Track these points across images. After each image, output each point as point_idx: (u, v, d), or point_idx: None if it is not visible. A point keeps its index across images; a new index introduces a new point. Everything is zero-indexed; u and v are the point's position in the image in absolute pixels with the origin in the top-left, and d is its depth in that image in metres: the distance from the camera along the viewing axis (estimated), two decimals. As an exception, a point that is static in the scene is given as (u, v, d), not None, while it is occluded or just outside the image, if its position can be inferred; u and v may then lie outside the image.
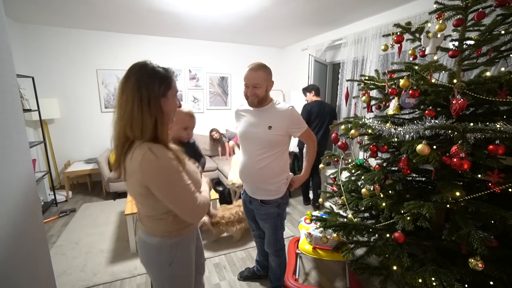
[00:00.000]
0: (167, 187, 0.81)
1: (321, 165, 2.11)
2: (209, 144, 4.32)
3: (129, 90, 0.81)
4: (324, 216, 1.88)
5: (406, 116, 1.69)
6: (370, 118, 1.67)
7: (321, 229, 1.79)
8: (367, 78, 1.81)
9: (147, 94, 0.81)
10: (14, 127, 0.35)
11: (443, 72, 1.46)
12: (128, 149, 0.82)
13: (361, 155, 2.55)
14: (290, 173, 1.59)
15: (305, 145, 1.86)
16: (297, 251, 2.09)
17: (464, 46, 1.32)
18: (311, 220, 1.95)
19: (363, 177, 1.69)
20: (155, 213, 0.89)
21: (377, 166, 1.68)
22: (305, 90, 3.27)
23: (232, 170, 3.21)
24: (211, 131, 4.22)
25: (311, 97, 3.21)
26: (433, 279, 1.18)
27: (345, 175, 2.04)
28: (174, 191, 0.82)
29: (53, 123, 3.67)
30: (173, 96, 0.88)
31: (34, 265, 0.41)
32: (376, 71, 1.84)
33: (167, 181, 0.80)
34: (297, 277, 1.97)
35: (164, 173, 0.79)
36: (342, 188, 1.87)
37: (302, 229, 2.14)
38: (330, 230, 1.68)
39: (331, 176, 2.12)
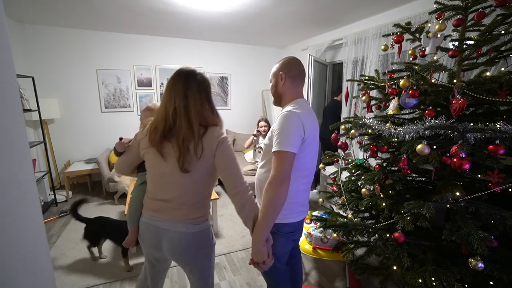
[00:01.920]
0: (232, 153, 1.04)
1: (320, 165, 2.11)
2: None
3: (194, 93, 1.03)
4: (324, 216, 1.89)
5: (406, 116, 1.69)
6: (370, 118, 1.67)
7: (321, 229, 1.79)
8: (367, 78, 1.81)
9: (206, 94, 1.06)
10: (14, 127, 0.35)
11: (443, 72, 1.46)
12: (204, 133, 1.01)
13: (361, 155, 2.56)
14: None
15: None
16: (297, 251, 2.09)
17: (464, 46, 1.32)
18: (311, 220, 1.95)
19: (363, 177, 1.69)
20: (203, 197, 1.09)
21: (377, 166, 1.69)
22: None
23: None
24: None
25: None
26: (433, 279, 1.18)
27: (345, 175, 2.04)
28: (234, 158, 1.05)
29: (53, 123, 3.67)
30: None
31: (34, 265, 0.40)
32: (376, 71, 1.84)
33: (232, 150, 1.05)
34: (297, 277, 1.97)
35: (230, 145, 1.05)
36: (342, 188, 1.87)
37: (302, 229, 2.14)
38: (330, 230, 1.68)
39: (331, 176, 2.12)
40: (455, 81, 1.33)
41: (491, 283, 1.19)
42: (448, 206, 1.19)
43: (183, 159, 0.98)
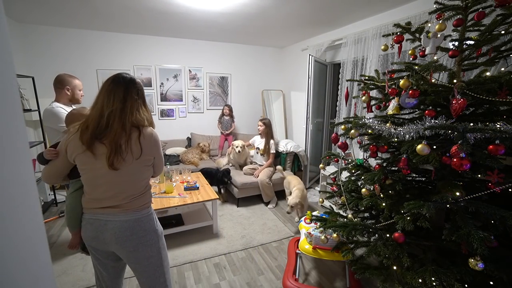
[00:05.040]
0: (161, 149, 1.21)
1: (320, 165, 2.11)
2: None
3: (133, 98, 1.12)
4: (324, 216, 1.88)
5: (406, 116, 1.69)
6: (370, 118, 1.67)
7: (321, 229, 1.79)
8: (367, 78, 1.81)
9: (143, 100, 1.18)
10: (14, 127, 0.35)
11: (443, 72, 1.46)
12: (129, 136, 1.07)
13: (361, 155, 2.56)
14: None
15: None
16: (297, 251, 2.09)
17: (464, 46, 1.32)
18: (311, 220, 1.95)
19: (363, 177, 1.68)
20: (142, 188, 1.16)
21: (377, 166, 1.68)
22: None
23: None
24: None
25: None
26: (433, 279, 1.18)
27: (345, 175, 2.04)
28: (161, 151, 1.23)
29: (53, 123, 3.67)
30: None
31: (34, 265, 0.41)
32: (376, 71, 1.84)
33: (160, 145, 1.20)
34: (297, 277, 1.97)
35: (159, 140, 1.20)
36: (342, 188, 1.87)
37: (302, 229, 2.14)
38: (330, 230, 1.68)
39: (331, 176, 2.12)
40: (455, 81, 1.33)
41: (491, 283, 1.19)
42: (448, 206, 1.19)
43: (113, 157, 1.04)
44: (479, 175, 1.22)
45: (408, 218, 1.26)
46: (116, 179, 1.09)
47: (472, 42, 1.29)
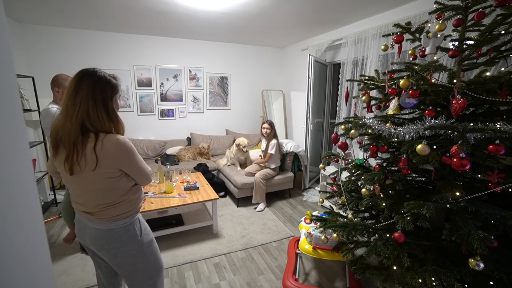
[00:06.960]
0: (134, 160, 1.07)
1: (320, 165, 2.11)
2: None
3: (84, 92, 0.97)
4: (324, 216, 1.89)
5: (406, 116, 1.69)
6: (370, 118, 1.67)
7: (321, 229, 1.79)
8: (367, 78, 1.81)
9: (101, 96, 1.00)
10: (14, 127, 0.35)
11: (443, 72, 1.46)
12: (85, 142, 0.96)
13: (361, 155, 2.56)
14: None
15: None
16: (297, 251, 2.09)
17: (464, 46, 1.32)
18: (311, 220, 1.95)
19: (363, 177, 1.68)
20: (115, 198, 1.06)
21: (377, 166, 1.68)
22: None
23: None
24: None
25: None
26: (433, 279, 1.18)
27: (345, 175, 2.04)
28: (138, 162, 1.09)
29: (53, 123, 3.67)
30: (117, 99, 1.09)
31: (34, 265, 0.41)
32: (376, 71, 1.84)
33: (134, 156, 1.06)
34: (297, 277, 1.97)
35: (132, 151, 1.05)
36: (342, 188, 1.87)
37: (302, 229, 2.14)
38: (330, 230, 1.68)
39: (331, 176, 2.12)
40: (455, 81, 1.33)
41: (491, 283, 1.19)
42: (448, 206, 1.19)
43: (69, 159, 0.96)
44: (479, 175, 1.22)
45: (408, 218, 1.26)
46: (80, 187, 1.03)
47: (472, 42, 1.29)
